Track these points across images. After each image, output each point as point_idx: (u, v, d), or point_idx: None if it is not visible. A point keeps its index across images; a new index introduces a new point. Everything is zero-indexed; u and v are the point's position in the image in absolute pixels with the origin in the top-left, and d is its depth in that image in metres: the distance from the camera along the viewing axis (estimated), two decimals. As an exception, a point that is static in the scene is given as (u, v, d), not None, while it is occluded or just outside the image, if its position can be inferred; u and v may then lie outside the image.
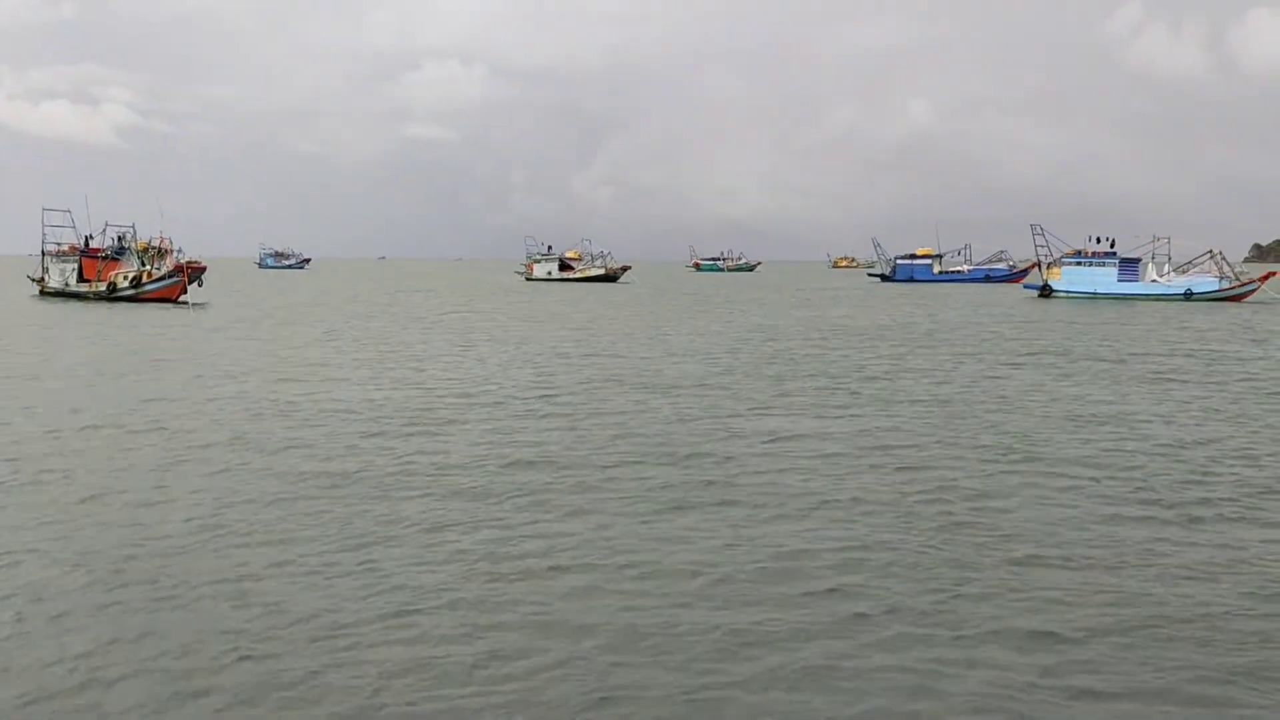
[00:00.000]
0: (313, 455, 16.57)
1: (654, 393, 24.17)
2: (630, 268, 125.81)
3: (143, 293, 62.50)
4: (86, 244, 69.85)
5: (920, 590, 10.29)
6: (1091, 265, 76.35)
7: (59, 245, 72.17)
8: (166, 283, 62.18)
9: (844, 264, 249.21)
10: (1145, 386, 25.89)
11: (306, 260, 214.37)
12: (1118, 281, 74.94)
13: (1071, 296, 75.22)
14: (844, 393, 24.50)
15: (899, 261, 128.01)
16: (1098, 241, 77.42)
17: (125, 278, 63.99)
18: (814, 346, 37.36)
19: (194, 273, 62.09)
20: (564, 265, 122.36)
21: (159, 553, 11.36)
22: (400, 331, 43.69)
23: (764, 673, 8.38)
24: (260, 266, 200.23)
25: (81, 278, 67.83)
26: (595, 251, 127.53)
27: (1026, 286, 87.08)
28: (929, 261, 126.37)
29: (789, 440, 18.21)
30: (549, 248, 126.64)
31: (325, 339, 39.36)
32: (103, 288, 64.38)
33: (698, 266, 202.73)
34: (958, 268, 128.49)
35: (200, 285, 62.74)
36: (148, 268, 63.85)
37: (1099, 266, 75.89)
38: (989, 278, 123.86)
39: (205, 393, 23.63)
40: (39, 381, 25.84)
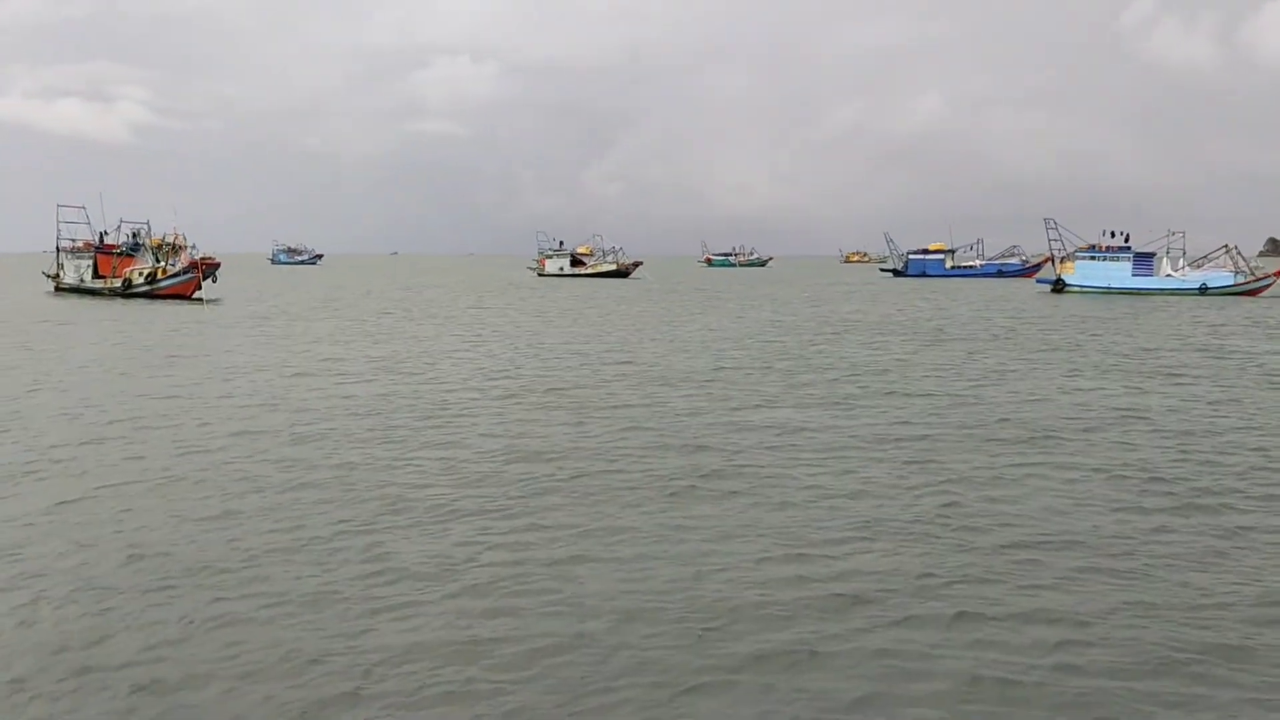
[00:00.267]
0: (324, 447, 16.71)
1: (664, 386, 24.23)
2: (642, 263, 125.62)
3: (158, 289, 62.83)
4: (101, 240, 70.26)
5: (923, 575, 10.33)
6: (1105, 260, 75.87)
7: (74, 242, 72.59)
8: (181, 279, 62.49)
9: (856, 259, 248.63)
10: (1156, 381, 25.78)
11: (319, 256, 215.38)
12: (1132, 276, 74.45)
13: (1085, 291, 74.85)
14: (853, 386, 24.49)
15: (911, 257, 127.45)
16: (1112, 236, 76.92)
17: (140, 274, 64.31)
18: (825, 341, 37.32)
19: (208, 269, 62.39)
20: (575, 261, 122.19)
21: (170, 540, 11.50)
22: (414, 327, 43.86)
23: (767, 655, 8.44)
24: (273, 262, 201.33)
25: (97, 274, 68.22)
26: (607, 247, 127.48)
27: (1039, 281, 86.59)
28: (941, 257, 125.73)
29: (798, 433, 18.23)
30: (560, 243, 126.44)
31: (340, 334, 39.55)
32: (118, 284, 64.75)
33: (709, 262, 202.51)
34: (970, 263, 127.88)
35: (214, 281, 63.05)
36: (162, 264, 64.17)
37: (1113, 261, 75.40)
38: (1001, 273, 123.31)
39: (220, 388, 23.84)
40: (59, 377, 26.08)
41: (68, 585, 10.09)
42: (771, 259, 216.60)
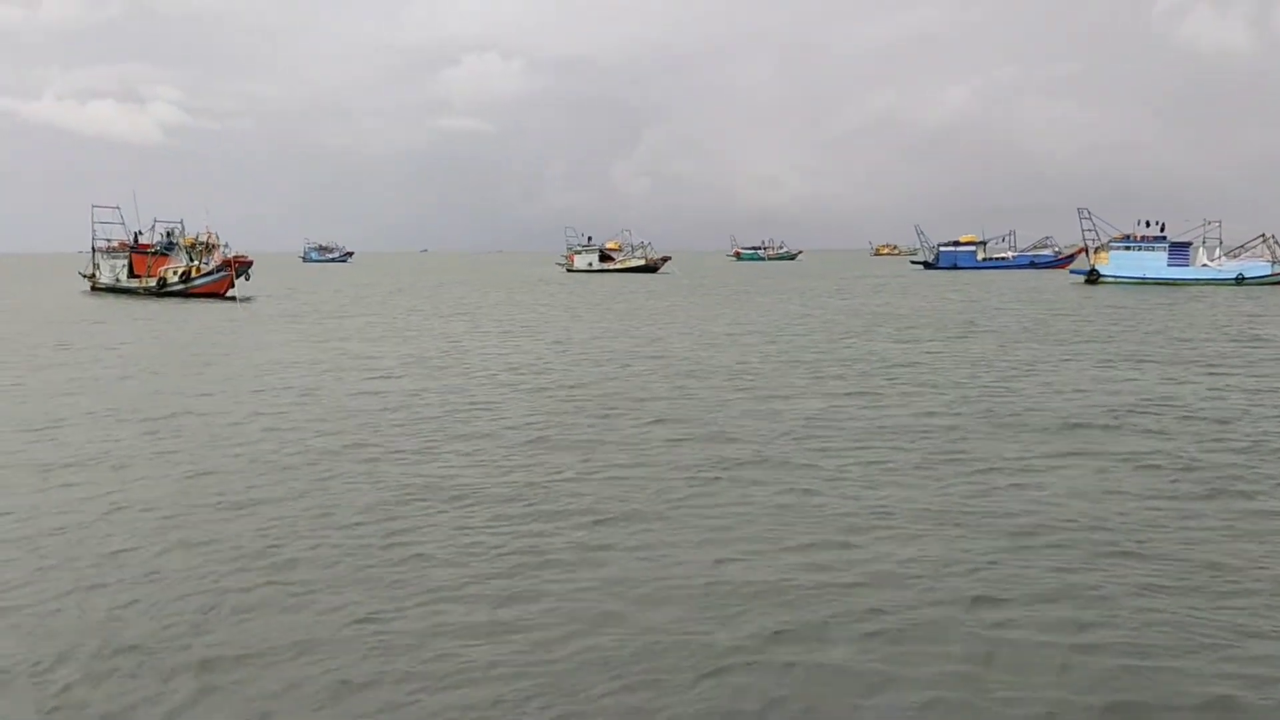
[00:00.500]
0: (353, 439, 16.90)
1: (692, 378, 24.24)
2: (670, 258, 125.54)
3: (192, 287, 63.69)
4: (136, 240, 71.30)
5: (951, 561, 10.30)
6: (1140, 250, 74.76)
7: (109, 242, 73.73)
8: (215, 277, 63.30)
9: (886, 252, 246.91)
10: (1192, 370, 25.42)
11: (349, 254, 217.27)
12: (1167, 266, 73.34)
13: (1119, 282, 73.86)
14: (881, 379, 24.37)
15: (942, 249, 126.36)
16: (1147, 225, 75.72)
17: (175, 273, 65.22)
18: (854, 335, 37.14)
19: (240, 267, 63.18)
20: (604, 256, 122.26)
21: (208, 525, 11.72)
22: (444, 324, 44.22)
23: (789, 637, 8.46)
24: (305, 261, 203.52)
25: (132, 273, 69.26)
26: (635, 242, 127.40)
27: (1073, 272, 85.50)
28: (973, 249, 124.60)
29: (825, 424, 18.18)
30: (589, 239, 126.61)
31: (370, 331, 39.93)
32: (153, 283, 65.69)
33: (739, 255, 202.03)
34: (1002, 254, 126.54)
35: (247, 279, 63.86)
36: (196, 263, 65.02)
37: (1148, 251, 74.29)
38: (1034, 264, 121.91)
39: (251, 384, 24.22)
40: (98, 375, 26.54)
41: (116, 567, 10.36)
42: (801, 252, 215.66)
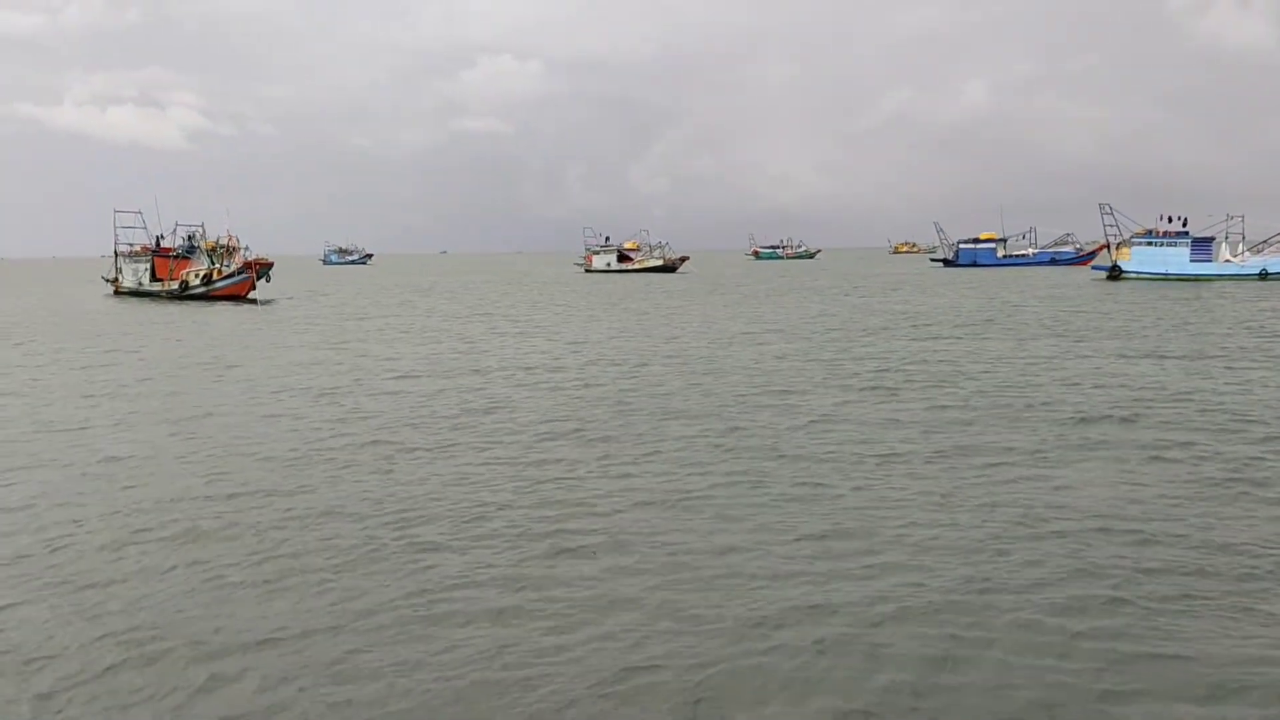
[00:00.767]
0: (370, 438, 17.02)
1: (709, 375, 24.26)
2: (688, 258, 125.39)
3: (213, 290, 64.24)
4: (158, 244, 71.95)
5: (967, 556, 10.27)
6: (1163, 245, 74.07)
7: (131, 246, 74.46)
8: (236, 279, 63.81)
9: (905, 249, 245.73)
10: (1213, 365, 25.18)
11: (369, 256, 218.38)
12: (1190, 262, 72.65)
13: (1142, 278, 73.24)
14: (899, 376, 24.28)
15: (961, 246, 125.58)
16: (1169, 221, 75.03)
17: (197, 275, 65.78)
18: (871, 333, 37.01)
19: (261, 269, 63.66)
20: (622, 257, 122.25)
21: (229, 517, 11.84)
22: (462, 326, 44.41)
23: (797, 636, 8.47)
24: (325, 263, 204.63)
25: (154, 277, 69.92)
26: (653, 242, 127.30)
27: (1095, 268, 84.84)
28: (992, 246, 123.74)
29: (840, 420, 18.15)
30: (607, 239, 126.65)
31: (389, 332, 40.16)
32: (175, 286, 66.29)
33: (757, 254, 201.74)
34: (1022, 251, 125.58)
35: (268, 281, 64.33)
36: (217, 265, 65.54)
37: (1170, 247, 73.61)
38: (1055, 261, 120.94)
39: (271, 384, 24.44)
40: (126, 377, 26.83)
41: (130, 559, 10.50)
42: (820, 251, 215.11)
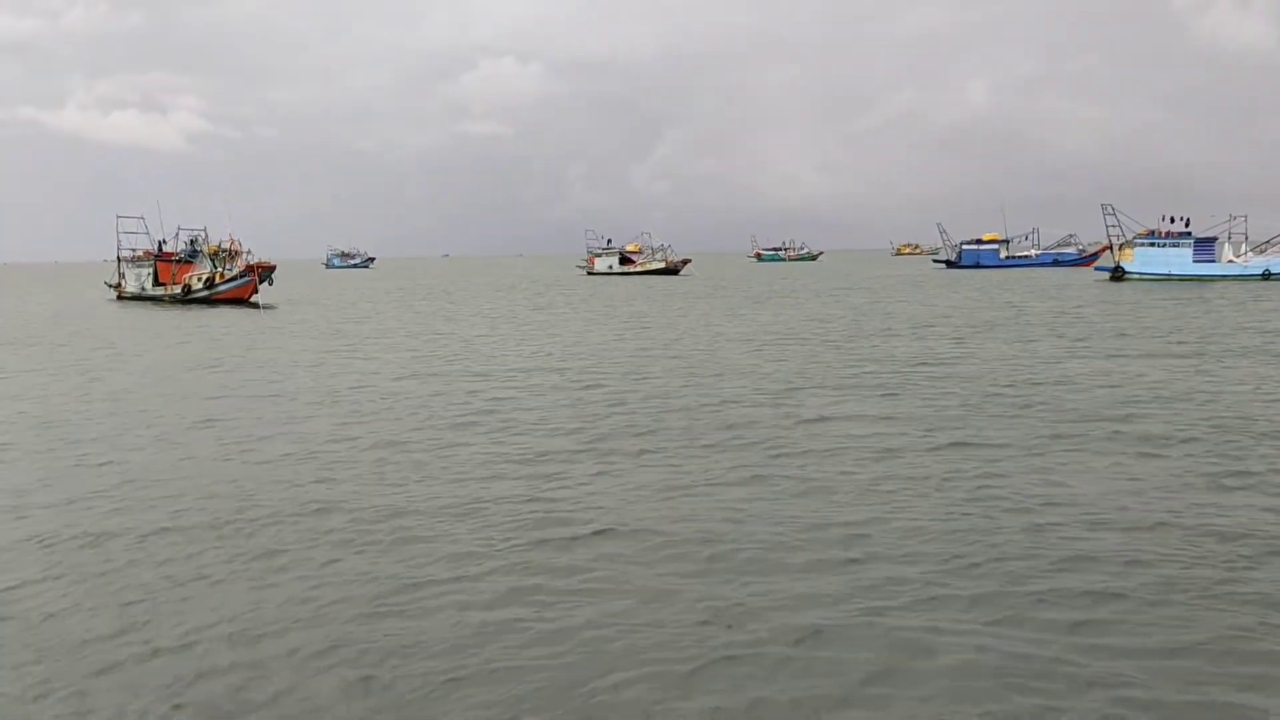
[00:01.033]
0: (372, 440, 17.03)
1: (712, 376, 24.24)
2: (691, 260, 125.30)
3: (216, 293, 64.37)
4: (160, 248, 72.12)
5: (952, 556, 10.25)
6: (1165, 246, 73.99)
7: (133, 250, 74.66)
8: (238, 283, 63.94)
9: (907, 251, 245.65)
10: (1215, 364, 25.15)
11: (371, 259, 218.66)
12: (1193, 263, 72.54)
13: (1145, 278, 73.15)
14: (900, 376, 24.25)
15: (964, 247, 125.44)
16: (1172, 221, 74.95)
17: (199, 279, 65.92)
18: (872, 335, 36.98)
19: (264, 272, 63.77)
20: (624, 259, 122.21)
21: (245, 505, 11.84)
22: (463, 328, 44.45)
23: (786, 631, 8.45)
24: (327, 267, 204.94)
25: (157, 281, 70.07)
26: (655, 244, 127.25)
27: (1098, 269, 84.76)
28: (995, 247, 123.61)
29: (838, 419, 18.11)
30: (609, 241, 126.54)
31: (391, 335, 40.20)
32: (178, 290, 66.42)
33: (759, 257, 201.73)
34: (1025, 252, 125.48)
35: (270, 284, 64.45)
36: (220, 269, 65.68)
37: (1173, 247, 73.54)
38: (1058, 262, 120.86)
39: (270, 388, 24.45)
40: (130, 384, 26.87)
41: (134, 557, 10.50)
42: (822, 253, 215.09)
